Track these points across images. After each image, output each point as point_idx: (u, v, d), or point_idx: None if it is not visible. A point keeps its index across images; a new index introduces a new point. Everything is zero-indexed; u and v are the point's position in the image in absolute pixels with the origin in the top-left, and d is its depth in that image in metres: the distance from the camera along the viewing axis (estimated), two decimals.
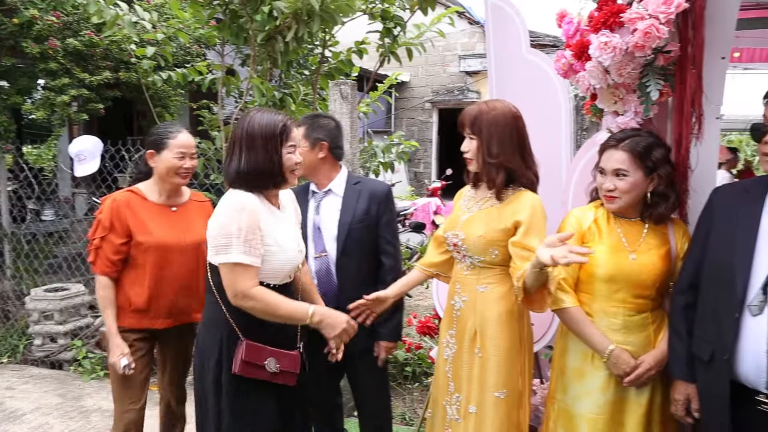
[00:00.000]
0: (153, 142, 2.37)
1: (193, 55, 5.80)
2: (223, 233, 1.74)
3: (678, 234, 1.94)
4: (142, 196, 2.39)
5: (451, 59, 11.97)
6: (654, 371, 1.86)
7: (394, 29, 3.97)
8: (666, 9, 1.78)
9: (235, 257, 1.73)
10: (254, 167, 1.81)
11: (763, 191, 1.62)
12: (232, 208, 1.76)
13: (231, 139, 1.87)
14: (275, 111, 1.92)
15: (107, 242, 2.31)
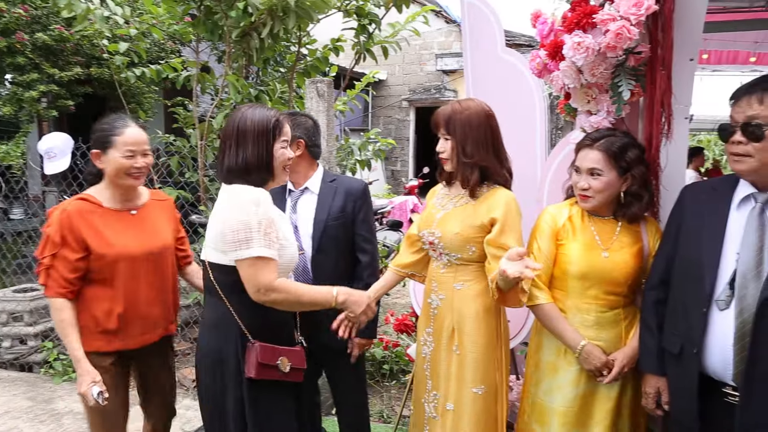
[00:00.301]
0: (97, 141, 2.08)
1: (168, 51, 5.72)
2: (243, 228, 1.68)
3: (650, 232, 1.98)
4: (96, 202, 2.10)
5: (427, 58, 12.01)
6: (627, 368, 1.90)
7: (369, 26, 3.97)
8: (636, 11, 1.81)
9: (258, 251, 1.68)
10: (246, 163, 1.77)
11: (731, 190, 1.67)
12: (248, 202, 1.70)
13: (223, 135, 1.82)
14: (266, 106, 1.87)
15: (60, 259, 2.02)
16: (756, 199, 1.59)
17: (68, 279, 2.03)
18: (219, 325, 1.81)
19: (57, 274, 2.03)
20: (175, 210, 2.38)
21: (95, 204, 2.10)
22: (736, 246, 1.58)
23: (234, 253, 1.69)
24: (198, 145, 3.91)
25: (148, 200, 2.25)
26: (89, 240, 2.04)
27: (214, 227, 1.78)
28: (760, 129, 1.50)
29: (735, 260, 1.57)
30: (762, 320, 1.49)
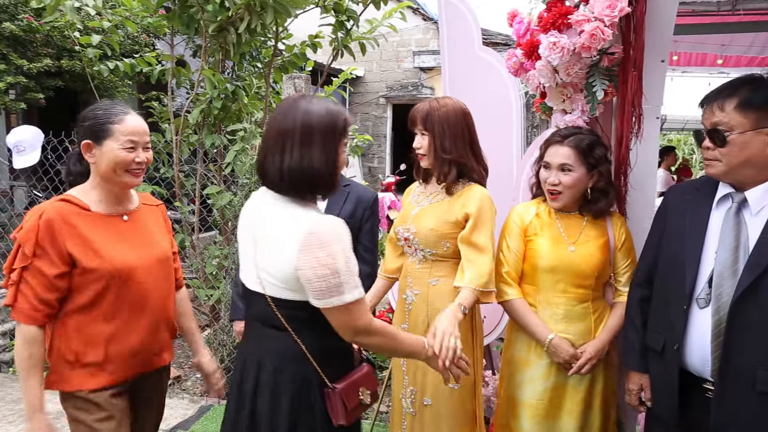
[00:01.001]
0: (89, 130, 1.73)
1: (142, 44, 5.62)
2: (330, 273, 1.41)
3: (616, 226, 2.04)
4: (82, 205, 1.73)
5: (405, 55, 12.03)
6: (595, 360, 1.95)
7: (347, 23, 3.97)
8: (610, 12, 1.86)
9: (351, 296, 1.44)
10: (313, 169, 1.47)
11: (713, 190, 1.71)
12: (331, 241, 1.42)
13: (275, 131, 1.49)
14: (327, 100, 1.58)
15: (34, 274, 1.62)
16: (733, 199, 1.63)
17: (44, 300, 1.64)
18: (289, 360, 1.54)
19: (30, 292, 1.63)
20: (167, 217, 2.06)
21: (81, 207, 1.73)
22: (715, 245, 1.63)
23: (322, 301, 1.44)
24: (173, 140, 3.86)
25: (139, 204, 1.91)
26: (75, 251, 1.66)
27: (279, 263, 1.47)
28: (722, 134, 1.55)
29: (714, 259, 1.62)
30: (735, 318, 1.53)
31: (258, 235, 1.54)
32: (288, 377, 1.53)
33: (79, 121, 1.77)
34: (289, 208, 1.49)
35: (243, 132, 3.55)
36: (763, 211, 1.57)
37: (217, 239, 4.12)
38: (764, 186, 1.58)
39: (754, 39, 5.30)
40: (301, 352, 1.52)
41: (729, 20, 4.26)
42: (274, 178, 1.49)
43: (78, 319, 1.70)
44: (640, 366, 1.84)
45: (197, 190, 3.95)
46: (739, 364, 1.54)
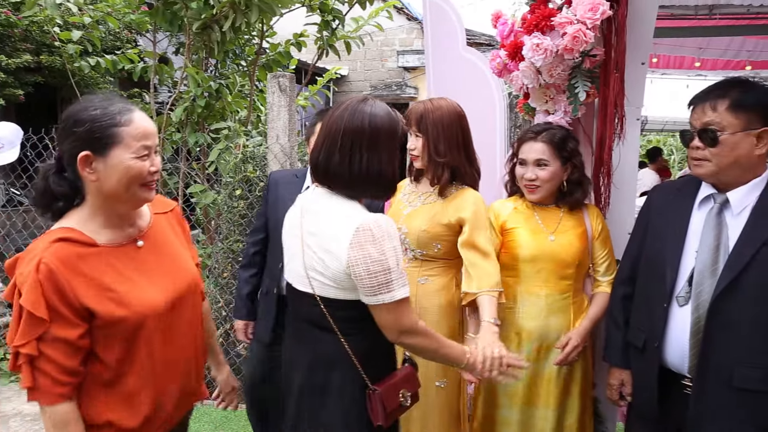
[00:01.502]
0: (88, 138, 1.32)
1: (123, 41, 5.55)
2: (381, 270, 1.42)
3: (592, 216, 2.10)
4: (86, 240, 1.36)
5: (389, 54, 12.04)
6: (580, 347, 1.99)
7: (332, 22, 3.97)
8: (592, 15, 1.89)
9: (399, 293, 1.45)
10: (380, 172, 1.49)
11: (694, 190, 1.74)
12: (382, 238, 1.43)
13: (341, 131, 1.47)
14: (383, 104, 1.56)
15: (52, 344, 1.29)
16: (715, 200, 1.66)
17: (69, 369, 1.31)
18: (334, 364, 1.54)
19: (50, 366, 1.30)
20: (184, 221, 1.71)
21: (85, 244, 1.36)
22: (696, 244, 1.66)
23: (372, 297, 1.45)
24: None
25: (152, 217, 1.54)
26: (91, 302, 1.32)
27: (329, 261, 1.46)
28: (714, 134, 1.58)
29: (694, 258, 1.65)
30: (715, 316, 1.57)
31: (306, 234, 1.53)
32: (332, 379, 1.54)
33: (67, 125, 1.35)
34: (339, 206, 1.50)
35: (227, 130, 3.54)
36: (744, 211, 1.61)
37: (200, 238, 4.09)
38: (746, 187, 1.61)
39: (729, 43, 5.41)
40: (346, 354, 1.52)
41: (706, 24, 4.35)
42: (337, 176, 1.48)
43: (105, 381, 1.39)
44: (622, 362, 1.88)
45: (180, 188, 3.92)
46: (717, 361, 1.57)
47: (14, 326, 1.31)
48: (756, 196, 1.61)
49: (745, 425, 1.56)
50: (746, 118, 1.55)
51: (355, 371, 1.52)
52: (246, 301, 2.45)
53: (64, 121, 1.37)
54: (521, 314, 2.05)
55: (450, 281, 2.05)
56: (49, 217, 1.40)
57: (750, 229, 1.57)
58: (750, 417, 1.56)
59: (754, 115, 1.55)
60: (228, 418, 3.34)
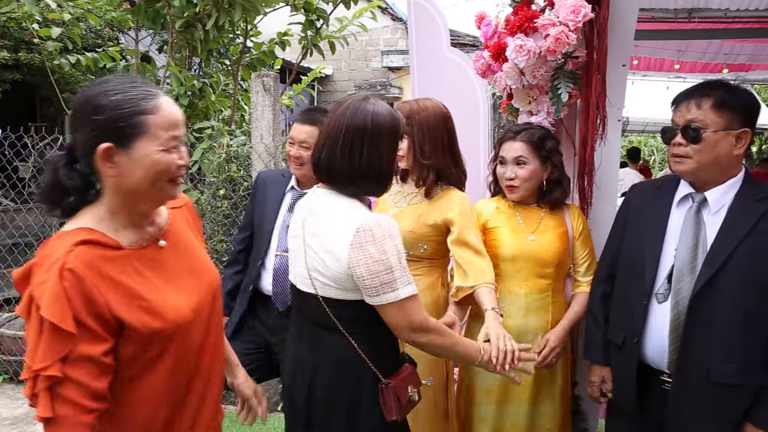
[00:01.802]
0: (110, 127, 1.15)
1: (105, 38, 5.49)
2: (383, 269, 1.41)
3: (573, 216, 2.12)
4: (110, 243, 1.18)
5: (373, 54, 12.05)
6: (558, 349, 2.01)
7: (317, 21, 3.96)
8: (575, 17, 1.91)
9: (404, 291, 1.44)
10: (380, 169, 1.50)
11: (673, 189, 1.77)
12: (383, 237, 1.42)
13: (343, 129, 1.48)
14: (383, 102, 1.57)
15: (78, 363, 1.08)
16: (693, 199, 1.70)
17: (96, 393, 1.11)
18: (343, 363, 1.52)
19: (74, 391, 1.08)
20: (197, 216, 1.54)
21: (110, 246, 1.18)
22: (675, 242, 1.69)
23: (376, 298, 1.44)
24: None
25: (169, 214, 1.37)
26: (122, 311, 1.14)
27: (330, 262, 1.45)
28: (697, 132, 1.60)
29: (673, 256, 1.68)
30: (694, 312, 1.60)
31: (308, 235, 1.53)
32: (342, 377, 1.52)
33: (83, 112, 1.17)
34: (340, 205, 1.50)
35: (210, 130, 3.52)
36: (721, 210, 1.64)
37: None
38: (723, 187, 1.65)
39: (708, 46, 5.51)
40: (354, 352, 1.51)
41: (685, 27, 4.43)
42: (338, 173, 1.49)
43: (128, 400, 1.20)
44: (602, 359, 1.90)
45: None
46: (696, 357, 1.61)
47: (33, 345, 1.07)
48: (732, 195, 1.64)
49: (721, 418, 1.61)
50: (728, 117, 1.59)
51: (364, 368, 1.51)
52: (225, 298, 2.44)
53: (80, 106, 1.18)
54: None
55: (436, 281, 2.06)
56: (58, 214, 1.22)
57: (727, 227, 1.61)
58: (725, 410, 1.60)
59: (735, 116, 1.59)
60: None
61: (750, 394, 1.57)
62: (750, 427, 1.57)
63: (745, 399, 1.58)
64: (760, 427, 1.56)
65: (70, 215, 1.22)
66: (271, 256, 2.29)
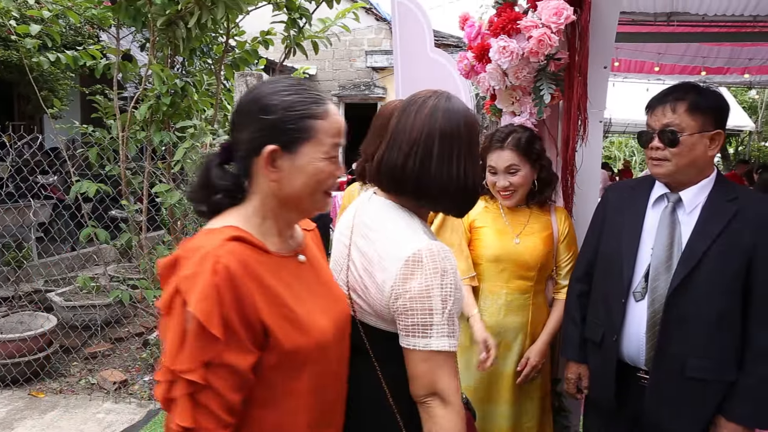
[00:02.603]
0: (279, 127, 1.10)
1: (85, 36, 5.41)
2: (421, 309, 1.17)
3: (560, 219, 2.14)
4: (259, 244, 1.12)
5: (357, 54, 12.05)
6: (539, 366, 2.04)
7: (299, 20, 3.95)
8: (557, 20, 1.93)
9: (438, 343, 1.18)
10: (474, 183, 1.28)
11: (648, 189, 1.81)
12: (433, 269, 1.18)
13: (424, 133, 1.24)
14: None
15: (223, 373, 1.00)
16: (668, 199, 1.73)
17: (232, 407, 1.02)
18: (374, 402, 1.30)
19: (215, 402, 1.00)
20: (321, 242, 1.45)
21: (259, 248, 1.11)
22: (651, 242, 1.72)
23: (404, 339, 1.21)
24: (119, 136, 3.74)
25: (303, 234, 1.31)
26: (270, 321, 1.05)
27: (371, 287, 1.24)
28: (675, 135, 1.64)
29: (650, 255, 1.71)
30: (670, 309, 1.64)
31: (354, 248, 1.31)
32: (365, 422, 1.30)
33: (251, 110, 1.12)
34: (398, 227, 1.26)
35: (193, 129, 3.49)
36: (695, 210, 1.68)
37: (165, 239, 4.02)
38: (697, 187, 1.69)
39: (686, 49, 5.62)
40: (384, 394, 1.28)
41: (664, 30, 4.51)
42: (424, 187, 1.25)
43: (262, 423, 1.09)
44: (579, 357, 1.93)
45: (145, 188, 3.84)
46: (672, 353, 1.64)
47: (175, 345, 0.98)
48: (705, 195, 1.68)
49: (696, 412, 1.65)
50: (702, 120, 1.62)
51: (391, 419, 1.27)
52: None
53: (246, 105, 1.13)
54: (482, 311, 2.08)
55: None
56: (203, 211, 1.17)
57: (701, 226, 1.65)
58: (699, 405, 1.64)
59: (708, 118, 1.63)
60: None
61: (722, 389, 1.62)
62: (722, 421, 1.62)
63: (718, 394, 1.62)
64: (731, 420, 1.60)
65: (215, 214, 1.16)
66: None
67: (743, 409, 1.60)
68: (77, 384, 3.81)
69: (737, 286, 1.59)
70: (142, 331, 4.66)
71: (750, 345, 1.60)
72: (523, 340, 2.07)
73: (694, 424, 1.66)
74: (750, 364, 1.60)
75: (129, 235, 3.77)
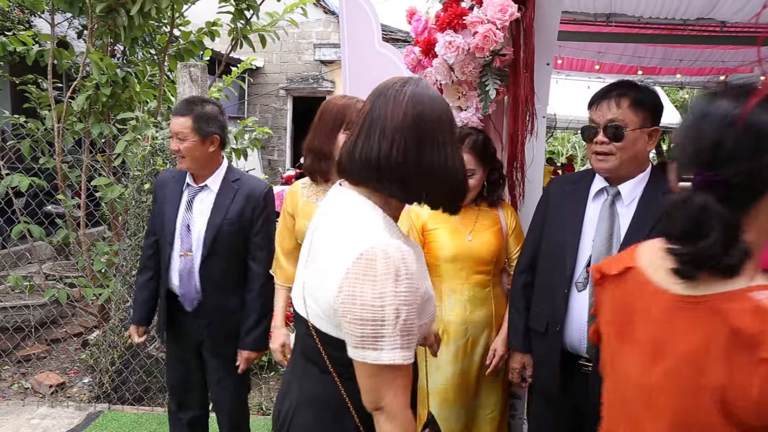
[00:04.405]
0: None
1: (14, 21, 5.11)
2: (372, 318, 1.06)
3: (507, 214, 2.20)
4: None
5: (306, 47, 11.92)
6: (506, 354, 2.09)
7: (246, 12, 3.87)
8: (501, 16, 1.97)
9: (388, 356, 1.08)
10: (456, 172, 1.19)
11: (589, 182, 1.87)
12: (387, 271, 1.06)
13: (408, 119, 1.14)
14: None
15: None
16: (608, 192, 1.80)
17: None
18: (324, 404, 1.25)
19: None
20: None
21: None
22: (592, 233, 1.78)
23: (353, 350, 1.11)
24: (54, 127, 3.57)
25: None
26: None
27: (322, 288, 1.16)
28: (619, 130, 1.69)
29: (591, 246, 1.77)
30: None
31: (312, 245, 1.24)
32: (322, 423, 1.25)
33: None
34: (359, 219, 1.16)
35: (135, 121, 3.37)
36: (633, 203, 1.75)
37: (105, 235, 3.87)
38: (634, 181, 1.76)
39: (624, 49, 5.84)
40: (343, 403, 1.22)
41: (604, 30, 4.68)
42: (410, 176, 1.15)
43: None
44: (523, 346, 1.99)
45: (83, 182, 3.68)
46: None
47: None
48: (642, 188, 1.76)
49: None
50: (643, 116, 1.69)
51: (348, 418, 1.22)
52: (141, 305, 2.37)
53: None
54: (447, 311, 2.11)
55: None
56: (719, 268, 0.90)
57: (638, 218, 1.72)
58: None
59: (648, 114, 1.70)
60: (138, 422, 3.19)
61: None
62: None
63: None
64: None
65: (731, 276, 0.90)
66: (176, 258, 2.23)
67: None
68: (8, 389, 3.62)
69: None
70: (81, 331, 4.48)
71: None
72: (489, 334, 2.12)
73: None
74: None
75: (66, 231, 3.61)
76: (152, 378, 3.39)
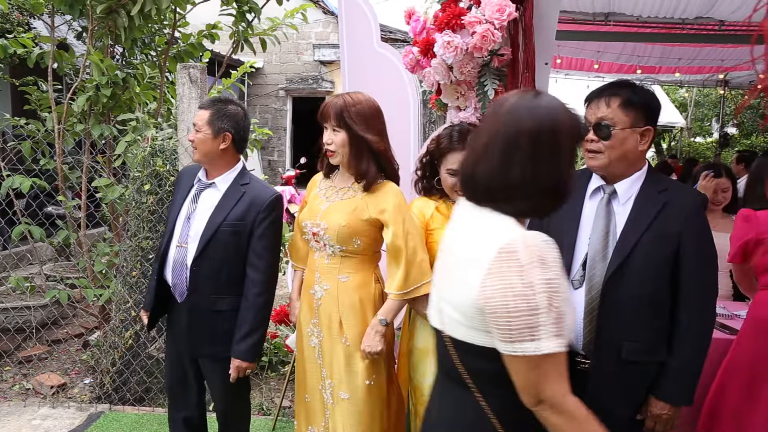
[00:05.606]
0: None
1: (14, 23, 5.12)
2: (526, 310, 1.05)
3: None
4: None
5: (305, 48, 11.94)
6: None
7: (248, 14, 3.88)
8: (500, 16, 1.99)
9: (547, 345, 1.06)
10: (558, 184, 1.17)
11: (586, 181, 1.88)
12: (532, 261, 1.07)
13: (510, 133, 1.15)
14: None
15: None
16: (604, 191, 1.81)
17: None
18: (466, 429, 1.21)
19: None
20: None
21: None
22: (588, 231, 1.80)
23: (510, 345, 1.08)
24: (55, 128, 3.58)
25: None
26: None
27: (461, 288, 1.15)
28: (607, 128, 1.72)
29: (587, 244, 1.79)
30: (606, 295, 1.71)
31: (447, 255, 1.24)
32: None
33: None
34: (487, 219, 1.17)
35: (135, 122, 3.38)
36: (629, 201, 1.77)
37: (106, 235, 3.88)
38: (630, 179, 1.77)
39: (623, 48, 5.86)
40: (485, 418, 1.18)
41: (602, 29, 4.69)
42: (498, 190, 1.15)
43: None
44: None
45: (84, 183, 3.69)
46: (608, 338, 1.72)
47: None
48: (638, 187, 1.78)
49: (632, 393, 1.75)
50: (634, 116, 1.71)
51: None
52: (152, 292, 2.36)
53: None
54: None
55: (370, 276, 2.08)
56: None
57: (634, 217, 1.74)
58: (635, 385, 1.74)
59: (640, 114, 1.71)
60: (139, 423, 3.20)
61: (654, 370, 1.72)
62: (653, 400, 1.72)
63: (650, 375, 1.73)
64: (660, 399, 1.71)
65: None
66: (173, 247, 2.24)
67: (670, 388, 1.71)
68: (10, 390, 3.63)
69: (666, 272, 1.70)
70: (82, 332, 4.49)
71: (676, 328, 1.71)
72: None
73: (629, 404, 1.75)
74: (677, 346, 1.71)
75: (67, 232, 3.62)
76: (153, 378, 3.40)
